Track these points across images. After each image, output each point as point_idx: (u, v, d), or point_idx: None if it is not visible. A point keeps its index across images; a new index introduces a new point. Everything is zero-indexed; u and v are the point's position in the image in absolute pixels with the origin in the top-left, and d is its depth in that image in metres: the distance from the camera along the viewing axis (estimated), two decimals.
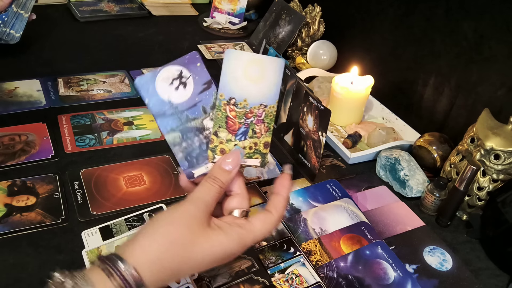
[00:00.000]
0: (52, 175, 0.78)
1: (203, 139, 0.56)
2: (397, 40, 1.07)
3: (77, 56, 1.17)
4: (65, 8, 1.40)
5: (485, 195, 0.76)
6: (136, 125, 0.93)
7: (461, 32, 0.90)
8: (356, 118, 1.02)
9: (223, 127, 0.55)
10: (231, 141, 0.55)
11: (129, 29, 1.34)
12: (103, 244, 0.67)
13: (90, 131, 0.89)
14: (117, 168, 0.82)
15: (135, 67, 1.15)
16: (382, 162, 0.88)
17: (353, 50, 1.21)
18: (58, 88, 1.02)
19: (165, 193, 0.78)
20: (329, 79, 1.11)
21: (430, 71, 0.98)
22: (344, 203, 0.79)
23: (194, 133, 0.56)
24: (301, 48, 1.26)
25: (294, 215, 0.76)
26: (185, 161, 0.55)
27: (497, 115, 0.78)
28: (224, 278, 0.64)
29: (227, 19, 1.42)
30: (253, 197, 0.78)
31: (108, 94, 1.03)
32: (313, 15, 1.22)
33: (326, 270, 0.67)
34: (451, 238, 0.77)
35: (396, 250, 0.72)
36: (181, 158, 0.55)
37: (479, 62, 0.87)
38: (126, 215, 0.72)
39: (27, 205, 0.72)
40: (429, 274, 0.69)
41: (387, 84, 1.09)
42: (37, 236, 0.68)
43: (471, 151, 0.76)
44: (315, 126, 0.83)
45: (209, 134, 0.56)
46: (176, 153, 0.55)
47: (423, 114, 1.01)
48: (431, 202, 0.79)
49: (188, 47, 1.29)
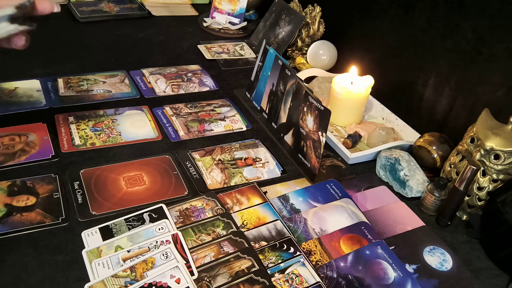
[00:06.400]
0: (52, 175, 0.78)
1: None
2: (397, 40, 1.07)
3: (77, 56, 1.17)
4: (65, 8, 1.40)
5: (485, 195, 0.76)
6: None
7: (461, 32, 0.90)
8: (356, 118, 1.02)
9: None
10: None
11: (129, 29, 1.34)
12: (103, 244, 0.67)
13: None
14: (117, 168, 0.82)
15: (135, 67, 1.15)
16: (382, 162, 0.88)
17: (353, 50, 1.21)
18: (58, 88, 1.02)
19: (165, 193, 0.78)
20: (329, 79, 1.11)
21: (430, 71, 0.98)
22: (344, 203, 0.79)
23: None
24: (301, 48, 1.26)
25: (294, 215, 0.76)
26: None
27: (497, 115, 0.78)
28: (224, 278, 0.64)
29: (227, 19, 1.42)
30: (253, 197, 0.78)
31: (108, 94, 1.03)
32: (313, 15, 1.22)
33: (326, 270, 0.67)
34: (451, 238, 0.77)
35: (396, 250, 0.72)
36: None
37: (479, 62, 0.87)
38: (126, 215, 0.72)
39: (27, 205, 0.72)
40: (429, 274, 0.69)
41: (387, 84, 1.09)
42: (37, 236, 0.68)
43: (471, 151, 0.76)
44: (315, 126, 0.83)
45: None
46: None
47: (423, 114, 1.01)
48: (431, 202, 0.79)
49: (188, 47, 1.29)
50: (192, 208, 0.75)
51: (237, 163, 0.87)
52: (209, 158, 0.87)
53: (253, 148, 0.91)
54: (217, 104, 1.05)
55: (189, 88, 1.10)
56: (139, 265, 0.64)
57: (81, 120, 0.93)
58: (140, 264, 0.64)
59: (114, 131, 0.91)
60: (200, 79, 1.14)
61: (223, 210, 0.75)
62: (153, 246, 0.67)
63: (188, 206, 0.75)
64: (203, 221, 0.72)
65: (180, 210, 0.74)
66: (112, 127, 0.92)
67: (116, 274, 0.62)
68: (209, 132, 0.95)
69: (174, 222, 0.72)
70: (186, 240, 0.68)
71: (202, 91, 1.10)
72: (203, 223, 0.72)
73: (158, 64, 1.18)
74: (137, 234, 0.69)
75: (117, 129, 0.92)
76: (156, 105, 1.01)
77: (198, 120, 0.98)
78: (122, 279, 0.62)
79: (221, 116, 1.01)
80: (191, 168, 0.84)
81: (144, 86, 1.08)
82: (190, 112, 1.00)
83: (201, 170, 0.84)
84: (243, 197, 0.78)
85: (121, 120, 0.95)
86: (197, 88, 1.11)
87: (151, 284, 0.61)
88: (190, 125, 0.96)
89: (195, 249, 0.67)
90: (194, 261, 0.65)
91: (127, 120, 0.95)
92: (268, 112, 1.00)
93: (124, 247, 0.67)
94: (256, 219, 0.74)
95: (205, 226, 0.71)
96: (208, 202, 0.76)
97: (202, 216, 0.74)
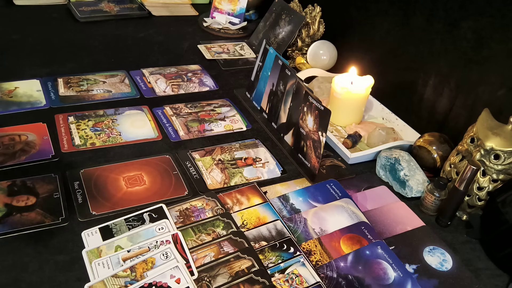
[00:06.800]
0: (52, 175, 0.78)
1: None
2: (397, 40, 1.07)
3: (77, 56, 1.17)
4: (65, 8, 1.40)
5: (485, 195, 0.76)
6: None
7: (461, 32, 0.90)
8: (356, 118, 1.02)
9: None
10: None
11: (129, 29, 1.34)
12: (103, 244, 0.67)
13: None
14: (117, 168, 0.82)
15: (135, 67, 1.15)
16: (382, 162, 0.88)
17: (353, 50, 1.21)
18: (58, 88, 1.02)
19: (165, 193, 0.78)
20: (329, 79, 1.11)
21: (430, 71, 0.98)
22: (344, 203, 0.79)
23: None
24: (301, 48, 1.26)
25: (294, 215, 0.76)
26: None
27: (497, 115, 0.78)
28: (224, 278, 0.64)
29: (227, 19, 1.42)
30: (253, 197, 0.78)
31: (108, 94, 1.03)
32: (313, 15, 1.22)
33: (326, 270, 0.67)
34: (451, 238, 0.77)
35: (396, 250, 0.72)
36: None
37: (479, 62, 0.87)
38: (126, 215, 0.72)
39: (27, 205, 0.72)
40: (429, 274, 0.69)
41: (387, 84, 1.09)
42: (37, 236, 0.68)
43: (471, 151, 0.76)
44: (315, 126, 0.83)
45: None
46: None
47: (423, 114, 1.01)
48: (431, 202, 0.79)
49: (188, 47, 1.29)
50: (192, 208, 0.75)
51: (237, 163, 0.87)
52: (209, 158, 0.87)
53: (253, 148, 0.91)
54: (217, 104, 1.05)
55: (189, 88, 1.10)
56: (139, 265, 0.64)
57: (81, 120, 0.93)
58: (140, 264, 0.64)
59: (114, 131, 0.91)
60: (200, 79, 1.14)
61: (223, 210, 0.75)
62: (153, 246, 0.67)
63: (188, 206, 0.75)
64: (203, 221, 0.72)
65: (180, 210, 0.74)
66: (112, 127, 0.92)
67: (116, 274, 0.62)
68: (209, 132, 0.95)
69: (174, 222, 0.72)
70: (186, 240, 0.68)
71: (202, 91, 1.10)
72: (203, 223, 0.72)
73: (158, 64, 1.18)
74: (137, 234, 0.69)
75: (117, 129, 0.92)
76: (156, 105, 1.01)
77: (198, 120, 0.98)
78: (122, 279, 0.62)
79: (221, 116, 1.01)
80: (191, 168, 0.84)
81: (144, 86, 1.08)
82: (190, 112, 1.00)
83: (201, 170, 0.84)
84: (243, 197, 0.78)
85: (121, 120, 0.95)
86: (197, 88, 1.11)
87: (151, 284, 0.61)
88: (190, 125, 0.96)
89: (195, 249, 0.67)
90: (194, 261, 0.65)
91: (127, 120, 0.95)
92: (268, 112, 1.00)
93: (124, 247, 0.67)
94: (256, 219, 0.74)
95: (205, 226, 0.71)
96: (208, 202, 0.76)
97: (202, 216, 0.74)
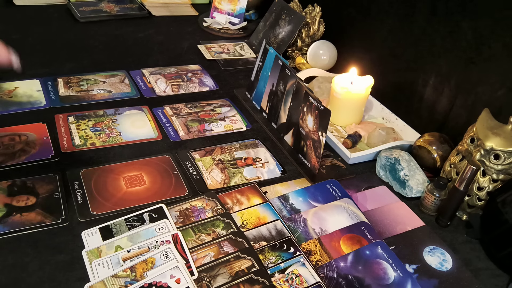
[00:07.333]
0: (52, 175, 0.78)
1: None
2: (397, 40, 1.07)
3: (77, 56, 1.17)
4: (65, 8, 1.40)
5: (485, 195, 0.76)
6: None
7: (461, 32, 0.90)
8: (356, 118, 1.02)
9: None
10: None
11: (129, 29, 1.34)
12: (103, 244, 0.67)
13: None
14: (117, 168, 0.82)
15: (135, 67, 1.15)
16: (382, 162, 0.88)
17: (353, 50, 1.21)
18: (58, 88, 1.02)
19: (165, 193, 0.78)
20: (329, 79, 1.11)
21: (430, 71, 0.98)
22: (344, 203, 0.79)
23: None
24: (301, 48, 1.26)
25: (294, 215, 0.76)
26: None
27: (497, 115, 0.78)
28: (224, 278, 0.64)
29: (227, 19, 1.42)
30: (253, 197, 0.78)
31: (108, 94, 1.03)
32: (313, 15, 1.22)
33: (326, 270, 0.67)
34: (451, 238, 0.77)
35: (396, 250, 0.72)
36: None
37: (479, 62, 0.87)
38: (126, 215, 0.72)
39: (27, 205, 0.72)
40: (429, 274, 0.69)
41: (387, 84, 1.09)
42: (37, 236, 0.68)
43: (471, 151, 0.76)
44: (315, 126, 0.83)
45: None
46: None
47: (423, 114, 1.01)
48: (431, 202, 0.79)
49: (188, 47, 1.29)
50: (192, 208, 0.75)
51: (237, 163, 0.87)
52: (209, 158, 0.87)
53: (253, 148, 0.91)
54: (217, 104, 1.05)
55: (189, 88, 1.10)
56: (139, 265, 0.64)
57: (81, 120, 0.93)
58: (140, 264, 0.64)
59: (114, 131, 0.91)
60: (200, 79, 1.14)
61: (223, 210, 0.75)
62: (153, 246, 0.67)
63: (188, 206, 0.75)
64: (203, 221, 0.72)
65: (180, 210, 0.74)
66: (112, 127, 0.92)
67: (116, 274, 0.62)
68: (209, 132, 0.95)
69: (174, 222, 0.72)
70: (186, 240, 0.68)
71: (202, 91, 1.10)
72: (203, 223, 0.72)
73: (158, 64, 1.18)
74: (137, 234, 0.69)
75: (117, 129, 0.92)
76: (156, 105, 1.01)
77: (198, 120, 0.98)
78: (122, 279, 0.62)
79: (221, 116, 1.01)
80: (191, 168, 0.84)
81: (144, 86, 1.08)
82: (190, 112, 1.00)
83: (201, 170, 0.84)
84: (243, 197, 0.78)
85: (121, 120, 0.95)
86: (197, 88, 1.11)
87: (151, 284, 0.61)
88: (190, 125, 0.96)
89: (195, 249, 0.67)
90: (194, 261, 0.65)
91: (127, 120, 0.95)
92: (268, 112, 1.00)
93: (124, 247, 0.67)
94: (256, 219, 0.74)
95: (205, 226, 0.71)
96: (208, 202, 0.76)
97: (202, 216, 0.74)
